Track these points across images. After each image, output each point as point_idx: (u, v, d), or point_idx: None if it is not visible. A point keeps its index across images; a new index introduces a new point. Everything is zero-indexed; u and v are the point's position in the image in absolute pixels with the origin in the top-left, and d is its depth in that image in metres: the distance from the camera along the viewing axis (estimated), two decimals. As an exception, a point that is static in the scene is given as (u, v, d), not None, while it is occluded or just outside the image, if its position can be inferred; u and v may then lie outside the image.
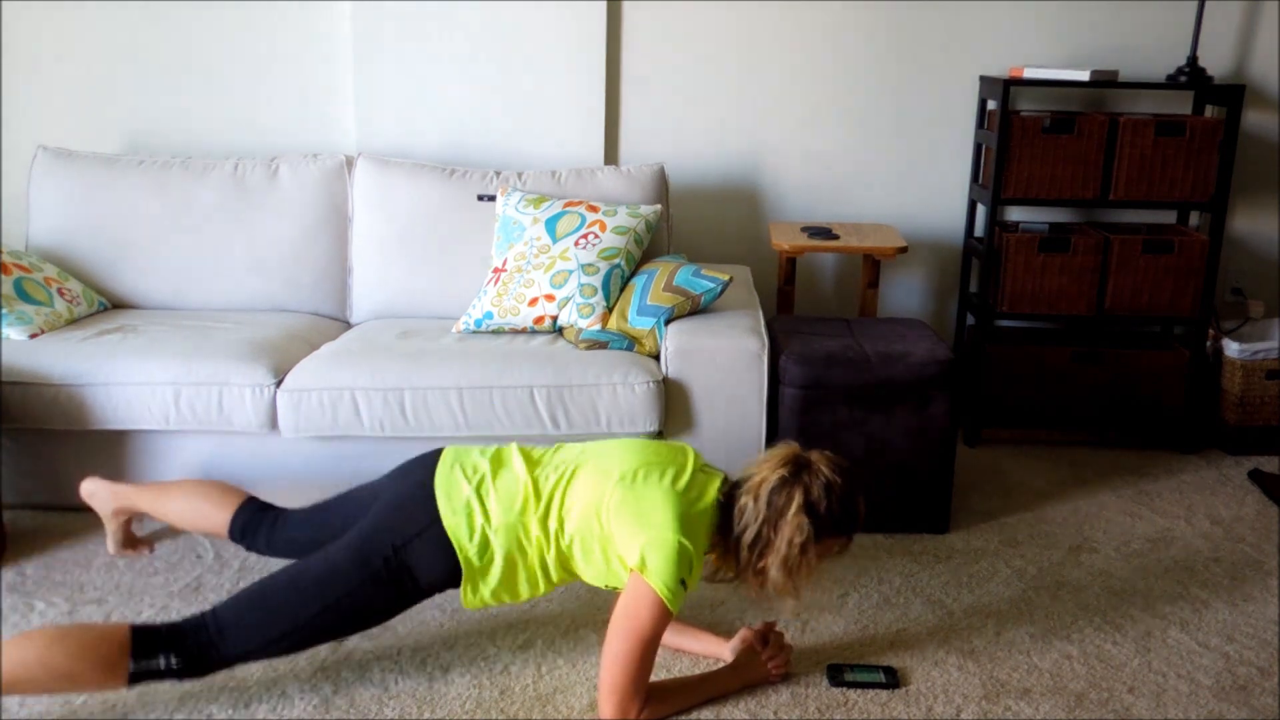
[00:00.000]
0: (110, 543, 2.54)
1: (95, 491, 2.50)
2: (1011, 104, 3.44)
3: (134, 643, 1.87)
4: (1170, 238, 3.29)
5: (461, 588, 2.02)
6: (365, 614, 2.01)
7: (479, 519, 1.99)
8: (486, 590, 2.03)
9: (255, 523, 2.31)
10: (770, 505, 1.94)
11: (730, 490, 2.02)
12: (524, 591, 2.05)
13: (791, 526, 1.91)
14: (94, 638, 1.86)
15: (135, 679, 1.88)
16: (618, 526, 1.93)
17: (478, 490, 2.01)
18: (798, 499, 1.92)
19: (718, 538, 2.01)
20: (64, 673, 1.83)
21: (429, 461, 2.09)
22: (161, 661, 1.89)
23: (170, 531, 2.72)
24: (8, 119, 3.59)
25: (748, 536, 1.95)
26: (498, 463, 2.06)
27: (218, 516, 2.34)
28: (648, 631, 1.90)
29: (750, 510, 1.95)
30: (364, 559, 1.98)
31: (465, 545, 1.98)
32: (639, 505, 1.93)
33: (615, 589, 2.05)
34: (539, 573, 2.02)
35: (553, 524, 1.99)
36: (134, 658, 1.86)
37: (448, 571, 2.00)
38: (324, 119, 3.59)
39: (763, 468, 1.99)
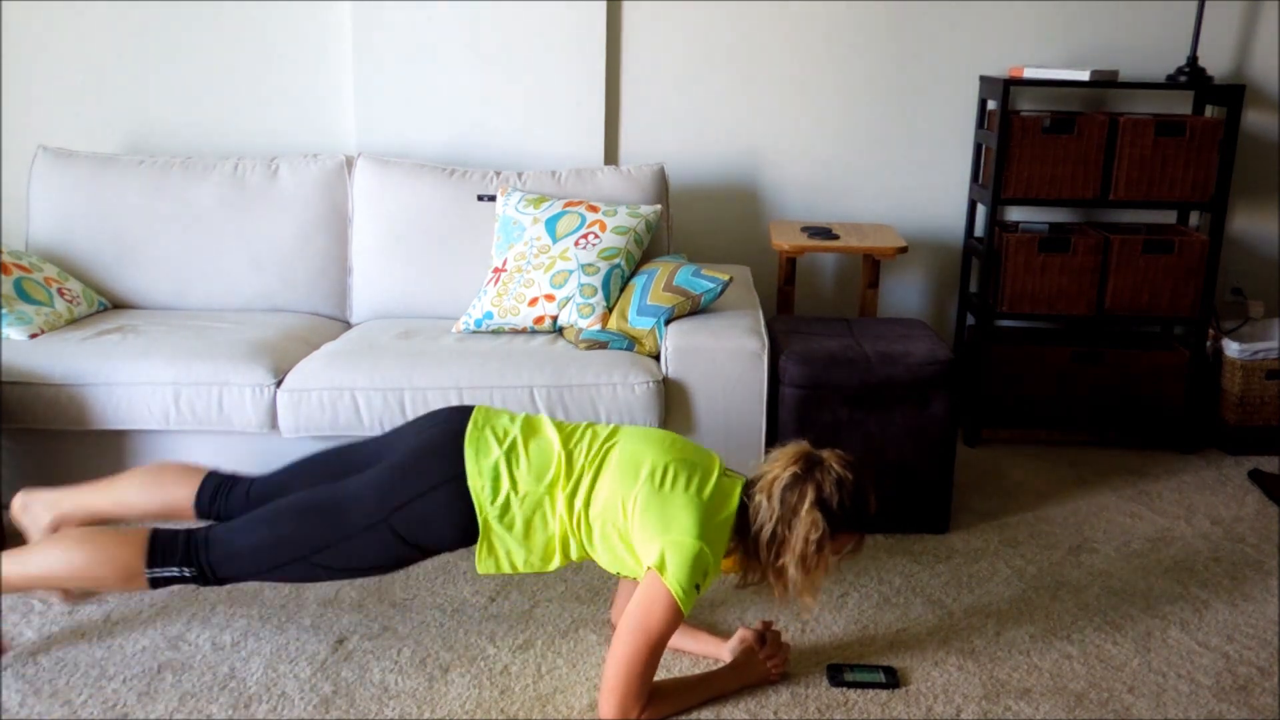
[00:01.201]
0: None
1: (28, 504, 2.25)
2: (1011, 104, 3.44)
3: (150, 548, 2.00)
4: (1170, 238, 3.29)
5: (477, 548, 2.02)
6: (370, 557, 2.00)
7: (505, 484, 1.98)
8: (502, 553, 2.02)
9: (227, 486, 2.24)
10: (783, 502, 1.95)
11: (745, 490, 2.03)
12: (538, 561, 2.04)
13: (806, 523, 1.93)
14: (116, 545, 2.01)
15: (155, 584, 2.02)
16: (640, 524, 1.94)
17: (507, 455, 2.00)
18: (810, 495, 1.93)
19: (736, 539, 2.01)
20: (89, 575, 2.00)
21: (458, 418, 2.07)
22: (176, 571, 2.01)
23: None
24: (8, 119, 3.59)
25: (764, 535, 1.96)
26: (529, 429, 2.06)
27: (177, 490, 2.23)
28: (658, 631, 1.91)
29: (765, 508, 1.97)
30: (380, 502, 1.98)
31: (486, 507, 1.98)
32: (663, 509, 1.93)
33: (623, 576, 2.06)
34: (557, 545, 2.02)
35: (578, 503, 1.99)
36: (149, 565, 2.00)
37: (461, 529, 1.99)
38: (324, 119, 3.59)
39: (775, 465, 2.00)
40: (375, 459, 2.11)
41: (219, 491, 2.23)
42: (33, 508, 2.25)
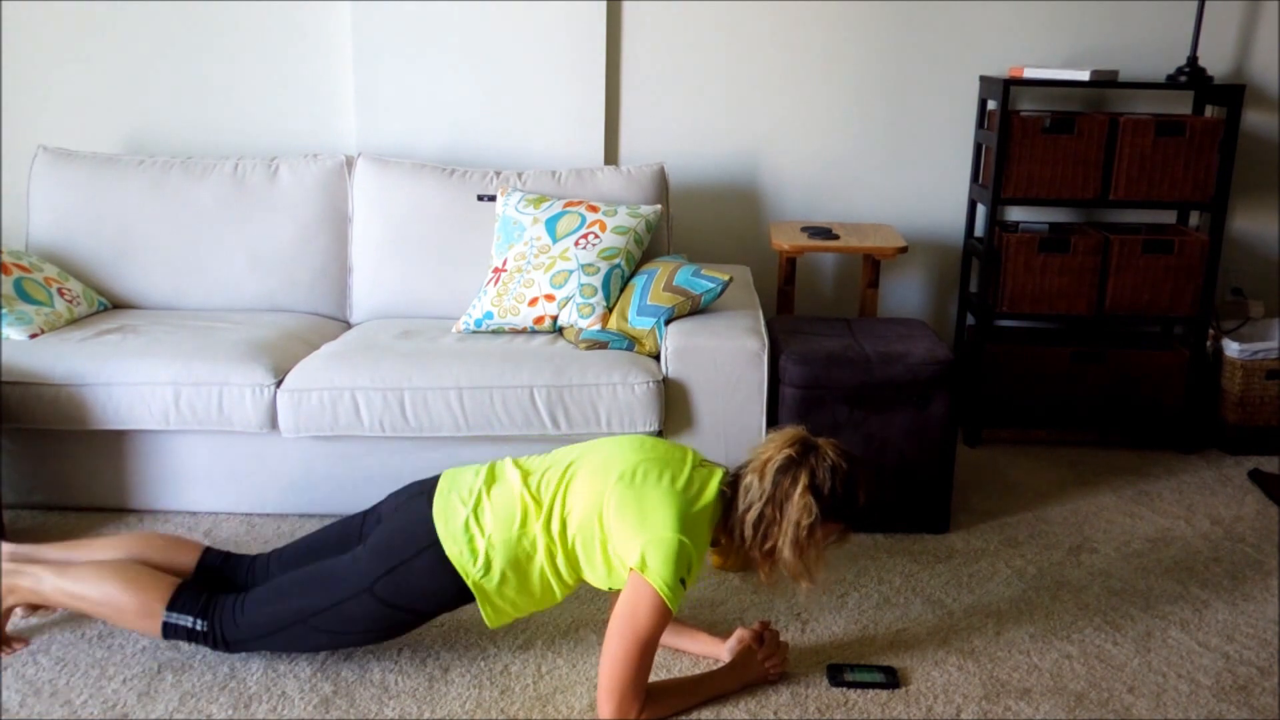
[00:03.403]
0: None
1: (20, 569, 2.15)
2: (1011, 104, 3.44)
3: (175, 596, 2.07)
4: (1170, 238, 3.29)
5: (481, 609, 2.03)
6: (363, 623, 2.04)
7: (480, 542, 1.99)
8: (505, 604, 2.04)
9: (229, 571, 2.21)
10: (776, 485, 1.94)
11: (734, 474, 2.03)
12: (542, 599, 2.06)
13: (798, 507, 1.92)
14: (148, 579, 2.08)
15: (168, 631, 2.07)
16: (618, 527, 1.93)
17: (474, 511, 2.01)
18: (803, 479, 1.93)
19: (720, 522, 2.01)
20: (114, 602, 2.05)
21: (426, 490, 2.10)
22: (190, 621, 2.07)
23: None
24: (8, 119, 3.59)
25: (751, 515, 1.96)
26: (491, 478, 2.06)
27: (178, 563, 2.20)
28: (647, 631, 1.90)
29: (755, 488, 1.96)
30: (365, 572, 2.01)
31: (469, 570, 1.99)
32: (639, 505, 1.93)
33: (617, 590, 2.05)
34: (552, 578, 2.02)
35: (555, 527, 1.99)
36: (169, 608, 2.05)
37: (453, 593, 2.02)
38: (324, 119, 3.59)
39: (769, 447, 2.00)
40: (363, 534, 2.15)
41: (219, 576, 2.22)
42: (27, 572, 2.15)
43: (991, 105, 3.43)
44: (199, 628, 2.06)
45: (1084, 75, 3.18)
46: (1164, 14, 3.47)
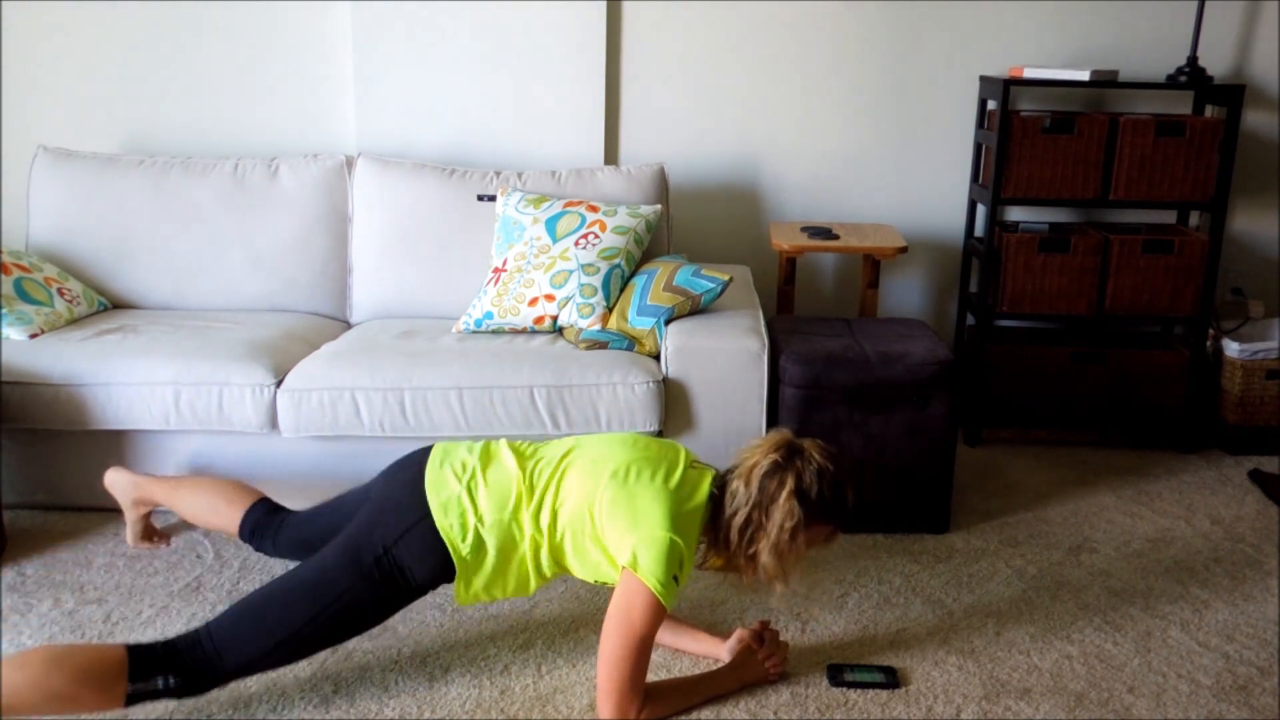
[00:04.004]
0: (129, 534, 2.61)
1: (117, 481, 2.56)
2: (1011, 104, 3.44)
3: (131, 663, 1.85)
4: (1170, 238, 3.29)
5: (455, 584, 2.02)
6: (359, 616, 2.00)
7: (471, 518, 1.98)
8: (480, 585, 2.03)
9: (264, 524, 2.33)
10: (762, 490, 1.94)
11: (722, 478, 2.03)
12: (514, 587, 2.05)
13: (783, 511, 1.92)
14: (90, 659, 1.84)
15: (132, 700, 1.85)
16: (610, 524, 1.93)
17: (468, 488, 2.00)
18: (789, 484, 1.93)
19: (708, 526, 2.01)
20: (60, 695, 1.79)
21: (417, 460, 2.08)
22: (159, 682, 1.87)
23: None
24: (8, 119, 3.59)
25: (738, 520, 1.96)
26: (487, 457, 2.06)
27: (230, 514, 2.37)
28: (641, 629, 1.90)
29: (741, 494, 1.96)
30: (355, 559, 1.97)
31: (458, 545, 1.98)
32: (631, 504, 1.93)
33: (603, 584, 2.05)
34: (530, 567, 2.02)
35: (545, 519, 1.98)
36: (131, 679, 1.84)
37: (439, 568, 2.00)
38: (324, 119, 3.59)
39: (755, 452, 1.99)
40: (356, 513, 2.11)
41: (257, 528, 2.33)
42: (120, 483, 2.55)
43: (991, 105, 3.43)
44: (170, 685, 1.87)
45: (1084, 75, 3.18)
46: (1164, 14, 3.47)
